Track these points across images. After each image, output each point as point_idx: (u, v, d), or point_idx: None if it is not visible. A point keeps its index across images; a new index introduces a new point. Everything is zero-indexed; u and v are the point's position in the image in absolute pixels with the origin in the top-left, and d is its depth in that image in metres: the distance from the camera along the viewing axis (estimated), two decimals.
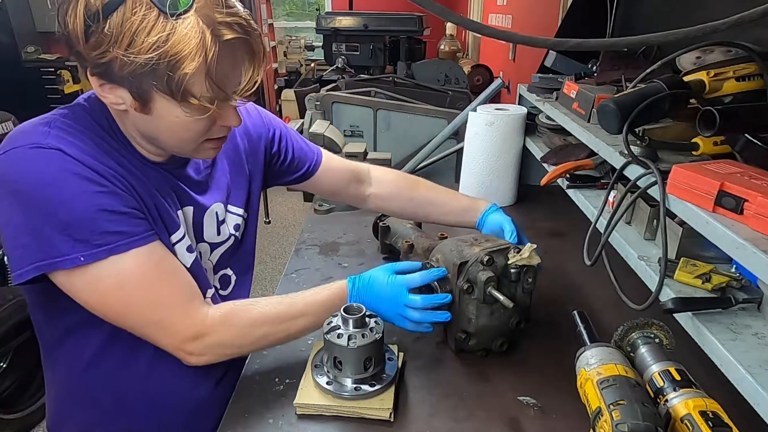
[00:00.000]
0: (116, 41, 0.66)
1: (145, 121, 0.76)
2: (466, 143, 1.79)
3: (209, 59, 0.68)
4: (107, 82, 0.72)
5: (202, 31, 0.68)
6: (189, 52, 0.67)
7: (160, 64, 0.67)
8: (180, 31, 0.67)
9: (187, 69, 0.68)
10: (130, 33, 0.66)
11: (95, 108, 0.80)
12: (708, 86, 0.97)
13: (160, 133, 0.79)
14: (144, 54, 0.66)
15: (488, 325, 0.99)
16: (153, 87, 0.70)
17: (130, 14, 0.66)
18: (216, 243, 0.98)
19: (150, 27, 0.66)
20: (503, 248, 0.98)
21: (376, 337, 0.88)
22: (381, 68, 4.80)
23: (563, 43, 0.71)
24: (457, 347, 1.03)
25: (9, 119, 4.40)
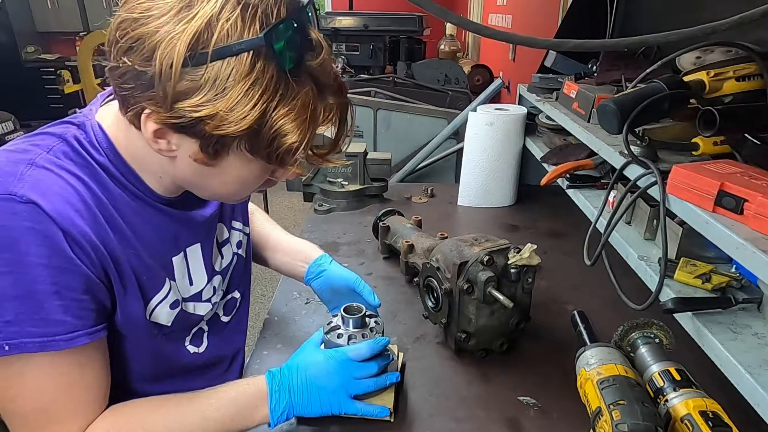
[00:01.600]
0: (223, 91, 0.56)
1: (196, 171, 0.67)
2: (466, 143, 1.79)
3: (315, 130, 0.64)
4: (175, 132, 0.61)
5: (315, 98, 0.62)
6: (299, 124, 0.60)
7: (261, 130, 0.59)
8: (299, 91, 0.60)
9: (293, 139, 0.61)
10: (243, 87, 0.56)
11: (95, 141, 0.69)
12: (708, 86, 0.97)
13: (209, 184, 0.70)
14: (249, 120, 0.57)
15: (488, 325, 0.99)
16: (242, 148, 0.62)
17: (245, 71, 0.56)
18: (224, 268, 0.92)
19: (263, 90, 0.57)
20: (503, 248, 0.98)
21: (377, 338, 0.88)
22: (381, 68, 4.80)
23: (563, 43, 0.71)
24: (457, 347, 1.03)
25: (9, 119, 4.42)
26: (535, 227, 1.65)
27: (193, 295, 0.85)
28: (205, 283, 0.87)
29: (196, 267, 0.85)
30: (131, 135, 0.68)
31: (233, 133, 0.59)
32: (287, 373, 0.80)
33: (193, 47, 0.55)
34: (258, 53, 0.56)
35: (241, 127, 0.58)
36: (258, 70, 0.56)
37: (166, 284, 0.78)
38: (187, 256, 0.83)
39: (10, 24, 6.31)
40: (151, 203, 0.75)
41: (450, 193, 1.88)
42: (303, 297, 1.24)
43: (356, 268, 1.37)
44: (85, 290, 0.65)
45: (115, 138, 0.70)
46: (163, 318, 0.79)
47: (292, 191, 1.90)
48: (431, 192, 1.89)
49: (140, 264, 0.73)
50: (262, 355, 1.03)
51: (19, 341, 0.61)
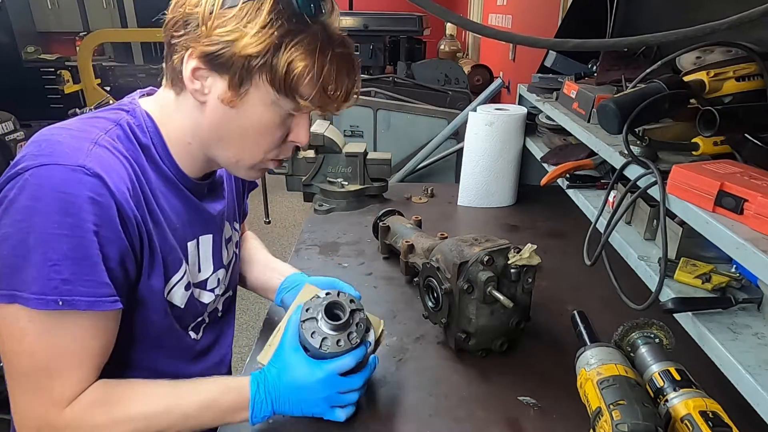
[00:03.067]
0: (249, 22, 0.69)
1: (221, 119, 0.76)
2: (466, 143, 1.79)
3: (324, 66, 0.72)
4: (208, 68, 0.72)
5: (326, 38, 0.72)
6: (309, 54, 0.71)
7: (277, 58, 0.70)
8: (309, 32, 0.71)
9: (302, 65, 0.70)
10: (264, 19, 0.68)
11: (144, 124, 0.79)
12: (708, 86, 0.97)
13: (231, 134, 0.78)
14: (266, 45, 0.69)
15: (488, 325, 0.99)
16: (262, 76, 0.72)
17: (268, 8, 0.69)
18: (227, 264, 0.98)
19: (280, 23, 0.69)
20: (503, 248, 0.98)
21: (352, 346, 0.81)
22: (381, 68, 4.80)
23: (563, 43, 0.71)
24: (457, 347, 1.03)
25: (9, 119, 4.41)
26: (535, 227, 1.65)
27: (200, 282, 0.91)
28: (210, 273, 0.93)
29: (206, 256, 0.91)
30: (170, 112, 0.80)
31: (254, 54, 0.69)
32: (271, 381, 0.80)
33: None
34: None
35: (260, 49, 0.69)
36: (277, 10, 0.69)
37: (183, 266, 0.84)
38: (199, 243, 0.89)
39: (10, 24, 6.31)
40: (179, 187, 0.83)
41: (450, 193, 1.88)
42: None
43: (356, 268, 1.37)
44: (120, 261, 0.72)
45: (162, 120, 0.81)
46: (178, 299, 0.85)
47: (292, 191, 1.90)
48: (431, 192, 1.89)
49: (166, 244, 0.80)
50: None
51: (71, 298, 0.67)
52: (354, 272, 1.35)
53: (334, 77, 0.74)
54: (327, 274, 1.34)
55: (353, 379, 0.82)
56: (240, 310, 3.15)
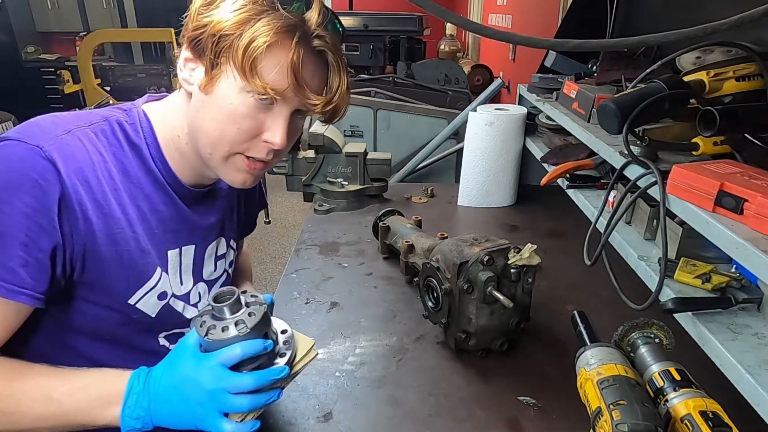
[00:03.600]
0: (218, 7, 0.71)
1: (201, 105, 0.76)
2: (466, 143, 1.79)
3: (291, 54, 0.71)
4: (194, 55, 0.74)
5: (297, 27, 0.72)
6: (273, 32, 0.70)
7: (240, 37, 0.70)
8: (278, 16, 0.71)
9: (261, 46, 0.69)
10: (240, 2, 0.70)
11: (138, 123, 0.80)
12: (708, 86, 0.97)
13: (205, 122, 0.76)
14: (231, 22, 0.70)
15: (488, 325, 0.99)
16: (229, 58, 0.71)
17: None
18: (212, 280, 0.94)
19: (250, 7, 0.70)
20: (503, 248, 0.98)
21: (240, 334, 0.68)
22: (381, 68, 4.81)
23: (563, 43, 0.71)
24: (457, 347, 1.03)
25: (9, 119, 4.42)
26: (535, 227, 1.65)
27: (182, 295, 0.88)
28: (191, 286, 0.89)
29: (187, 267, 0.88)
30: (167, 112, 0.81)
31: (222, 33, 0.70)
32: (155, 375, 0.69)
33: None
34: None
35: (228, 27, 0.70)
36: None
37: (157, 273, 0.82)
38: (182, 253, 0.86)
39: (10, 24, 6.31)
40: (168, 191, 0.82)
41: (450, 193, 1.88)
42: (303, 297, 1.24)
43: (356, 268, 1.37)
44: (52, 257, 0.69)
45: (158, 122, 0.81)
46: (149, 308, 0.82)
47: (292, 191, 1.90)
48: (431, 192, 1.89)
49: (137, 248, 0.78)
50: None
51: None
52: (354, 272, 1.35)
53: (306, 67, 0.73)
54: (327, 274, 1.34)
55: (244, 377, 0.67)
56: None
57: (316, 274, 1.34)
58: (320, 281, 1.31)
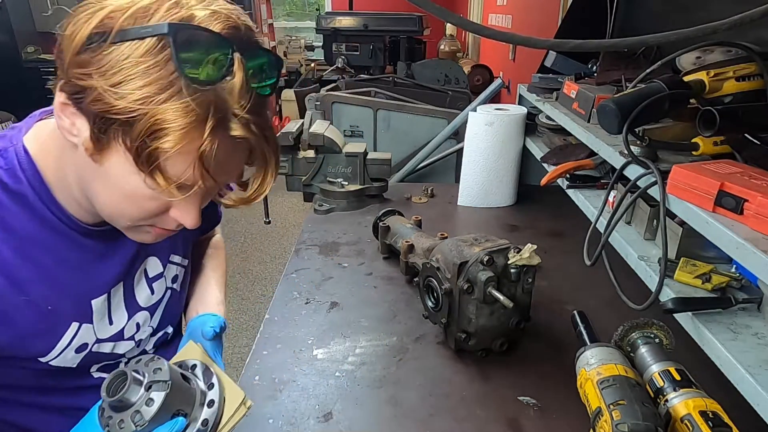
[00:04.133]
0: (105, 72, 0.54)
1: (90, 169, 0.61)
2: (466, 143, 1.79)
3: (202, 146, 0.56)
4: (73, 105, 0.58)
5: (208, 114, 0.56)
6: (178, 128, 0.55)
7: (138, 121, 0.54)
8: (183, 100, 0.54)
9: (166, 145, 0.55)
10: (126, 71, 0.54)
11: (18, 167, 0.66)
12: (708, 86, 0.97)
13: (98, 192, 0.63)
14: (127, 102, 0.54)
15: (488, 325, 0.99)
16: (119, 140, 0.57)
17: (140, 54, 0.54)
18: (153, 304, 0.85)
19: (153, 79, 0.54)
20: (503, 248, 0.98)
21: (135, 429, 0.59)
22: (381, 68, 4.81)
23: (563, 44, 0.71)
24: (456, 347, 1.03)
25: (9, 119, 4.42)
26: (535, 227, 1.65)
27: (113, 335, 0.79)
28: (125, 322, 0.81)
29: (117, 306, 0.79)
30: (49, 147, 0.67)
31: (113, 112, 0.54)
32: None
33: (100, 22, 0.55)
34: (163, 45, 0.54)
35: (120, 106, 0.54)
36: (156, 56, 0.54)
37: (71, 329, 0.72)
38: (110, 296, 0.77)
39: (10, 24, 6.30)
40: (74, 237, 0.71)
41: (450, 193, 1.88)
42: (303, 297, 1.24)
43: (356, 268, 1.37)
44: None
45: (42, 160, 0.67)
46: (68, 361, 0.73)
47: (292, 191, 1.89)
48: (431, 192, 1.89)
49: (35, 313, 0.68)
50: (261, 355, 1.03)
51: None
52: (354, 272, 1.35)
53: (221, 156, 0.59)
54: (327, 274, 1.34)
55: None
56: (240, 310, 3.15)
57: (316, 274, 1.34)
58: (320, 281, 1.31)
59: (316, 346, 1.06)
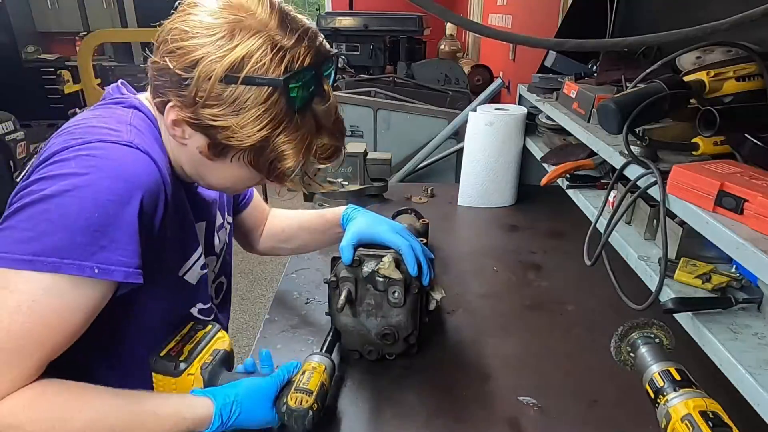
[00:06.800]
0: (233, 111, 0.67)
1: (200, 161, 0.75)
2: (466, 143, 1.79)
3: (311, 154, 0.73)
4: (191, 126, 0.70)
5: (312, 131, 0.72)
6: (296, 153, 0.70)
7: (263, 151, 0.70)
8: (297, 130, 0.69)
9: (287, 165, 0.71)
10: (252, 112, 0.67)
11: (151, 114, 0.78)
12: (708, 86, 0.97)
13: (209, 175, 0.78)
14: (254, 140, 0.68)
15: (349, 325, 0.97)
16: (240, 158, 0.71)
17: (262, 99, 0.66)
18: (219, 251, 0.98)
19: (272, 117, 0.67)
20: (379, 255, 0.96)
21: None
22: (381, 68, 4.80)
23: (563, 43, 0.71)
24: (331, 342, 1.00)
25: (9, 119, 4.41)
26: (535, 227, 1.65)
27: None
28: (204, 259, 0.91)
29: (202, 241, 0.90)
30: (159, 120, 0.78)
31: (238, 147, 0.69)
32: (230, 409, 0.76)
33: (227, 70, 0.65)
34: (275, 89, 0.66)
35: (245, 144, 0.68)
36: (272, 101, 0.67)
37: (200, 248, 0.86)
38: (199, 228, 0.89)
39: (10, 24, 6.30)
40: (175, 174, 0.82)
41: (450, 193, 1.88)
42: (303, 297, 1.24)
43: None
44: (143, 241, 0.69)
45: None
46: (193, 278, 0.85)
47: (293, 191, 1.89)
48: (431, 192, 1.89)
49: (185, 220, 0.81)
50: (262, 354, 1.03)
51: (108, 267, 0.65)
52: None
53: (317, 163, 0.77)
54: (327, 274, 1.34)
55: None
56: (240, 310, 3.15)
57: (316, 274, 1.34)
58: (320, 281, 1.31)
59: (316, 346, 1.06)
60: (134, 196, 0.66)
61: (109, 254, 0.65)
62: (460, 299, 1.24)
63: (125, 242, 0.66)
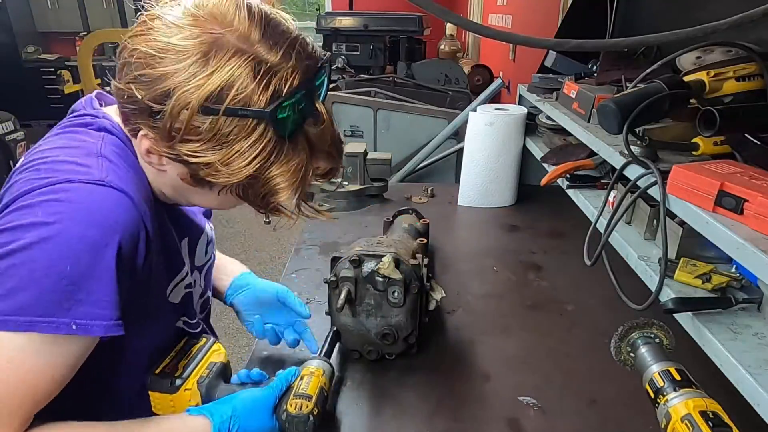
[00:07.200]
0: (216, 146, 0.60)
1: (182, 186, 0.68)
2: (466, 143, 1.79)
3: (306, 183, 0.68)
4: (167, 156, 0.63)
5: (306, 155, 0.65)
6: (290, 185, 0.64)
7: (252, 186, 0.64)
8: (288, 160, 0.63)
9: (281, 198, 0.65)
10: (236, 145, 0.60)
11: (124, 136, 0.69)
12: (708, 86, 0.97)
13: (192, 198, 0.73)
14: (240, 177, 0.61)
15: (348, 324, 0.98)
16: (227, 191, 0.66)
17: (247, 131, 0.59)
18: (203, 265, 0.91)
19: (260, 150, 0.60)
20: (379, 254, 0.95)
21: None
22: (381, 68, 4.80)
23: (563, 43, 0.71)
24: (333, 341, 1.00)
25: (9, 119, 4.41)
26: (535, 227, 1.65)
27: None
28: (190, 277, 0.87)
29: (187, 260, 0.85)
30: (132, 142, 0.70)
31: (224, 183, 0.63)
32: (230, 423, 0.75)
33: (205, 101, 0.58)
34: (261, 120, 0.59)
35: (232, 180, 0.62)
36: (258, 133, 0.60)
37: (186, 267, 0.81)
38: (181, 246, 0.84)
39: (10, 24, 6.31)
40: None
41: (450, 193, 1.88)
42: (303, 297, 1.23)
43: None
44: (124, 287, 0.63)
45: None
46: (176, 298, 0.80)
47: None
48: (431, 192, 1.89)
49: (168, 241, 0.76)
50: (262, 355, 1.03)
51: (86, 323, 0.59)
52: None
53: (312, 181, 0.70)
54: (327, 274, 1.34)
55: None
56: None
57: (316, 274, 1.34)
58: (320, 281, 1.30)
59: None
60: (110, 243, 0.59)
61: (87, 308, 0.58)
62: (460, 299, 1.24)
63: (103, 293, 0.59)
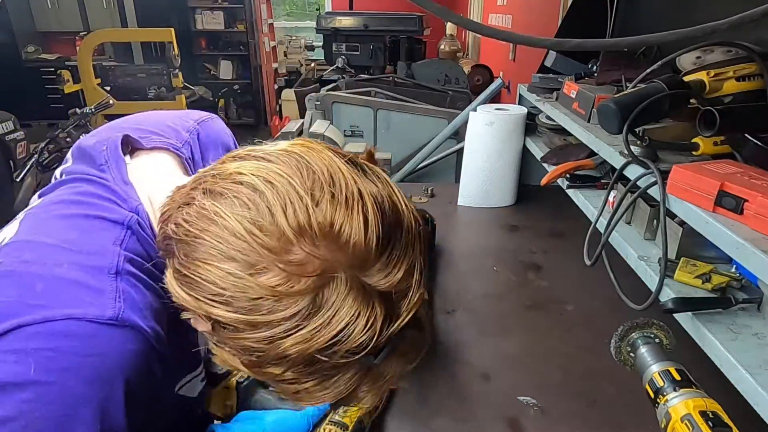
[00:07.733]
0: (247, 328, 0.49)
1: None
2: (466, 143, 1.79)
3: None
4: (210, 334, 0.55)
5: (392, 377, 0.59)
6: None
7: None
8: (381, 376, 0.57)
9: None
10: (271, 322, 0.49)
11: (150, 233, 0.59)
12: (708, 86, 0.97)
13: None
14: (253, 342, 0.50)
15: None
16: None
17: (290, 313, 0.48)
18: None
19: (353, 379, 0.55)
20: None
21: None
22: (381, 68, 4.81)
23: (563, 43, 0.71)
24: None
25: (9, 119, 4.41)
26: (535, 227, 1.65)
27: None
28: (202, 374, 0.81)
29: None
30: None
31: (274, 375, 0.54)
32: None
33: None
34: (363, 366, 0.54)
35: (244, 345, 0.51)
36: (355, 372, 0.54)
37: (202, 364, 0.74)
38: None
39: (10, 24, 6.31)
40: None
41: (450, 193, 1.88)
42: None
43: None
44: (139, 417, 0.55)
45: None
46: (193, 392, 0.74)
47: None
48: (431, 192, 1.89)
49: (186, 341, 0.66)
50: None
51: None
52: None
53: None
54: None
55: None
56: None
57: None
58: None
59: None
60: (115, 386, 0.50)
61: None
62: (460, 299, 1.24)
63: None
